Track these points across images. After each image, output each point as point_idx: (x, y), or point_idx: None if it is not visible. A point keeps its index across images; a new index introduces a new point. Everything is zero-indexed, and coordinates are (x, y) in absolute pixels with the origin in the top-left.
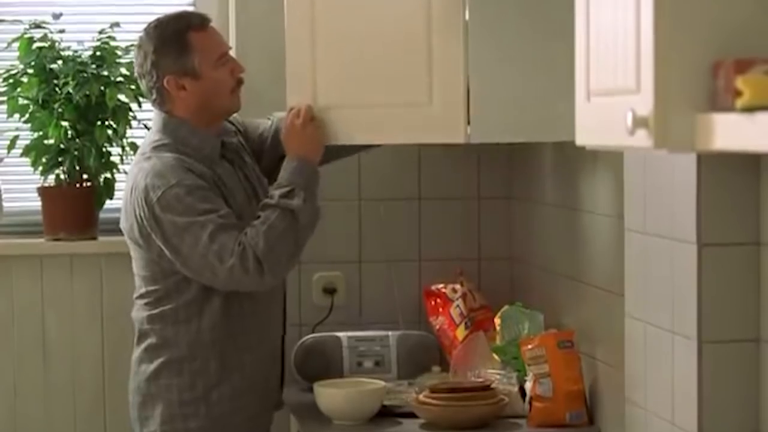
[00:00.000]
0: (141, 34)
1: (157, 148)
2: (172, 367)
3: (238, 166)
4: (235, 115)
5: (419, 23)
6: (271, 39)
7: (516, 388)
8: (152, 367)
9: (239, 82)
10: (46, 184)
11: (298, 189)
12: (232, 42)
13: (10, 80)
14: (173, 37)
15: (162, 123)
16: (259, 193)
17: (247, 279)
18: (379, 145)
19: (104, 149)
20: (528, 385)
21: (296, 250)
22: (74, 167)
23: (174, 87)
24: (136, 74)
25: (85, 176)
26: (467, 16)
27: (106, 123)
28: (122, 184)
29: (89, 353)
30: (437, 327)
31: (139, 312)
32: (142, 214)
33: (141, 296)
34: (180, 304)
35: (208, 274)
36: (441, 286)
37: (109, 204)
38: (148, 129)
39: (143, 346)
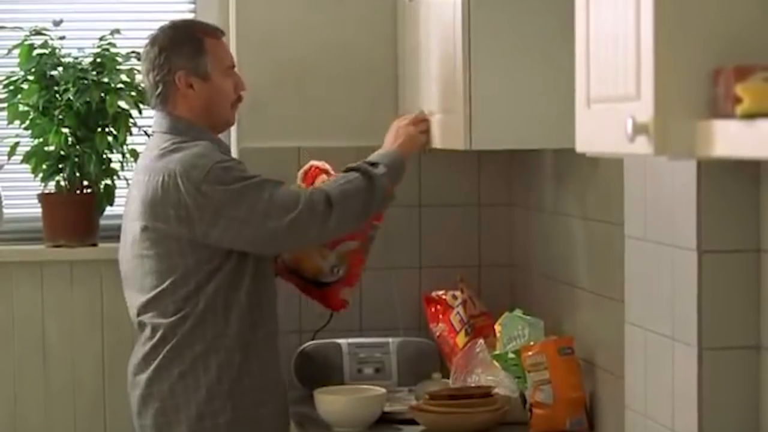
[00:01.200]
0: (155, 32)
1: (178, 141)
2: (198, 364)
3: None
4: None
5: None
6: (270, 45)
7: (516, 395)
8: (178, 369)
9: (239, 98)
10: (47, 191)
11: (383, 165)
12: (231, 46)
13: (11, 87)
14: (190, 36)
15: (171, 125)
16: None
17: (312, 220)
18: None
19: (105, 156)
20: (528, 392)
21: (362, 214)
22: (75, 174)
23: (184, 84)
24: (143, 69)
25: (85, 183)
26: (470, 24)
27: (107, 130)
28: (123, 191)
29: (89, 359)
30: (437, 334)
31: (156, 318)
32: (185, 196)
33: (159, 299)
34: (208, 298)
35: (267, 232)
36: (441, 292)
37: (109, 210)
38: (149, 135)
39: (164, 350)
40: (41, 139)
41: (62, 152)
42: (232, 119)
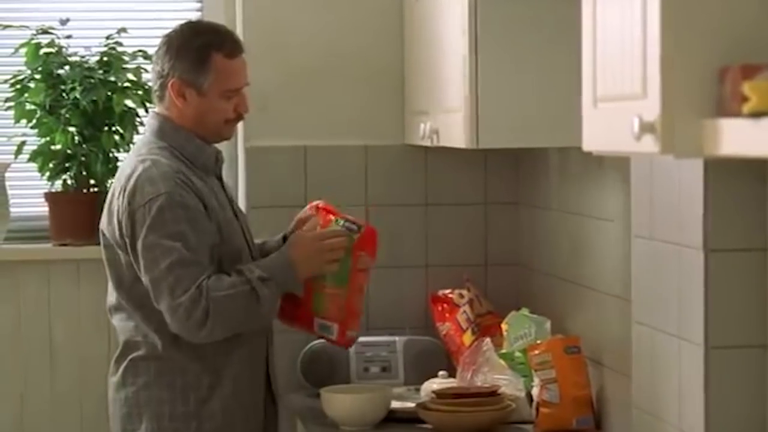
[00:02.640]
0: (175, 28)
1: (154, 151)
2: (163, 379)
3: (224, 183)
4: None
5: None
6: (277, 44)
7: (523, 394)
8: (142, 379)
9: (239, 117)
10: (53, 190)
11: (275, 285)
12: None
13: (18, 86)
14: (199, 48)
15: (158, 126)
16: (237, 214)
17: (186, 324)
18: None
19: (111, 155)
20: (535, 391)
21: (238, 328)
22: (81, 173)
23: (175, 92)
24: (153, 57)
25: (92, 182)
26: (476, 23)
27: (113, 129)
28: None
29: (96, 358)
30: (444, 333)
31: (126, 322)
32: (124, 216)
33: (120, 309)
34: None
35: (154, 297)
36: (448, 291)
37: None
38: None
39: (131, 356)
40: (48, 138)
41: (69, 151)
42: (227, 135)
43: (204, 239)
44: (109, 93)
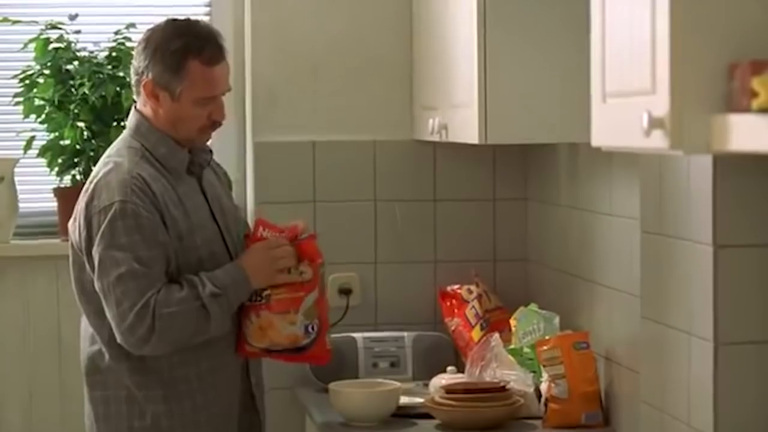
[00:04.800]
0: (156, 25)
1: (122, 152)
2: (120, 392)
3: (204, 184)
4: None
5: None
6: (285, 39)
7: (531, 389)
8: (99, 393)
9: (214, 124)
10: (62, 185)
11: (226, 301)
12: (246, 41)
13: (26, 81)
14: (176, 53)
15: (136, 124)
16: (216, 216)
17: (129, 338)
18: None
19: None
20: (543, 387)
21: (184, 344)
22: (90, 168)
23: (149, 92)
24: (134, 53)
25: None
26: (485, 18)
27: (122, 124)
28: None
29: None
30: (453, 328)
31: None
32: (81, 219)
33: (85, 311)
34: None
35: (103, 304)
36: (456, 287)
37: None
38: None
39: (90, 368)
40: (57, 134)
41: (78, 146)
42: (200, 142)
43: (156, 251)
44: (118, 88)
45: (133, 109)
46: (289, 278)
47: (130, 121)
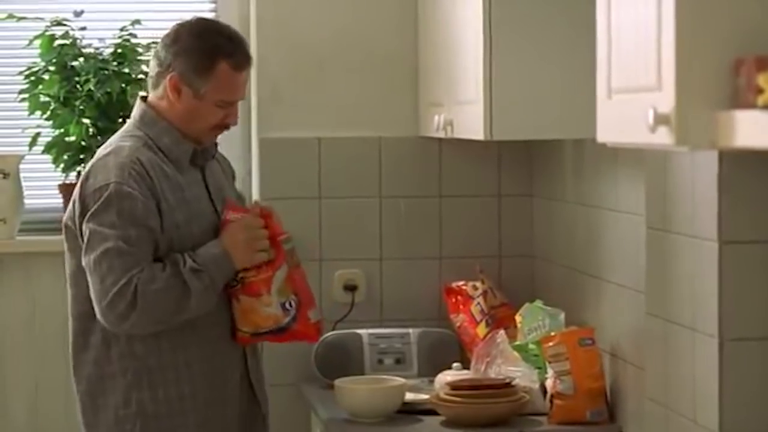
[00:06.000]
0: (184, 22)
1: (125, 139)
2: (106, 374)
3: (207, 175)
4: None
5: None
6: (290, 35)
7: (537, 386)
8: (85, 381)
9: (225, 126)
10: (68, 181)
11: (207, 277)
12: (252, 38)
13: (32, 77)
14: (207, 53)
15: (140, 114)
16: (217, 207)
17: (109, 314)
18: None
19: None
20: (549, 383)
21: (167, 321)
22: None
23: (172, 86)
24: (156, 47)
25: None
26: (491, 14)
27: (127, 120)
28: None
29: None
30: (458, 324)
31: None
32: (77, 199)
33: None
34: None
35: (89, 279)
36: (462, 283)
37: None
38: None
39: (72, 346)
40: (62, 130)
41: (83, 143)
42: (206, 141)
43: (145, 234)
44: (123, 85)
45: (138, 100)
46: (263, 257)
47: (135, 112)
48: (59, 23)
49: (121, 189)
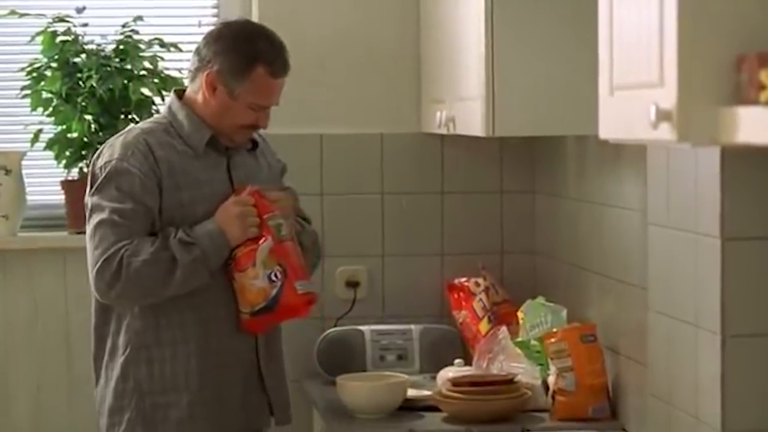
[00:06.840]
0: (230, 22)
1: (146, 122)
2: (114, 356)
3: (232, 164)
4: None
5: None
6: (293, 32)
7: (539, 382)
8: (102, 359)
9: (255, 127)
10: (70, 178)
11: (198, 249)
12: None
13: (34, 74)
14: (247, 56)
15: (169, 102)
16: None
17: (96, 282)
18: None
19: None
20: (551, 379)
21: (155, 294)
22: None
23: (208, 83)
24: (201, 41)
25: None
26: (493, 10)
27: (130, 117)
28: None
29: None
30: (460, 321)
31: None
32: (89, 175)
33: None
34: None
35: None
36: (464, 279)
37: None
38: None
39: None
40: (64, 126)
41: (85, 139)
42: (238, 139)
43: (141, 210)
44: (126, 81)
45: (174, 90)
46: (254, 232)
47: (166, 100)
48: (61, 20)
49: (122, 165)
